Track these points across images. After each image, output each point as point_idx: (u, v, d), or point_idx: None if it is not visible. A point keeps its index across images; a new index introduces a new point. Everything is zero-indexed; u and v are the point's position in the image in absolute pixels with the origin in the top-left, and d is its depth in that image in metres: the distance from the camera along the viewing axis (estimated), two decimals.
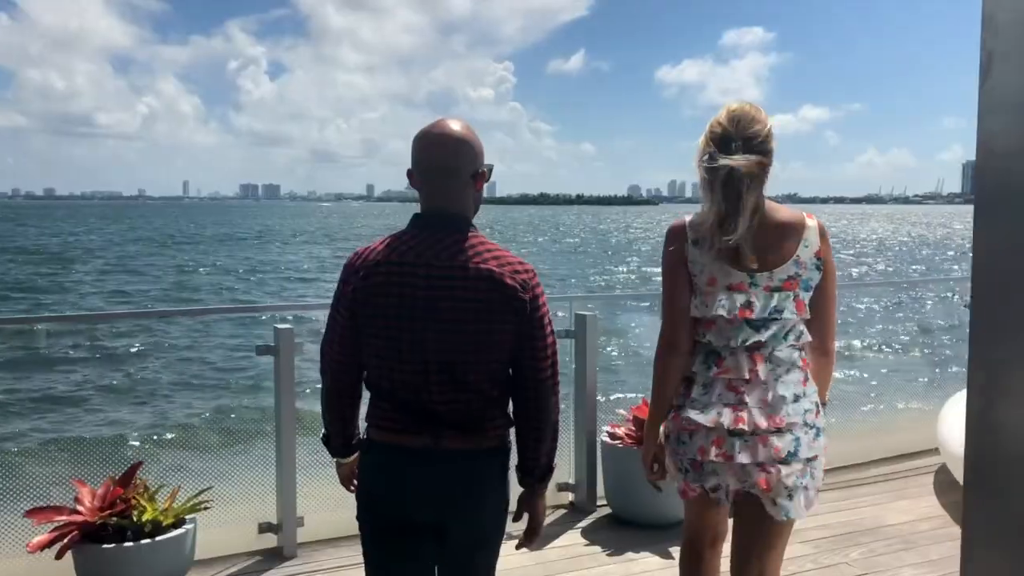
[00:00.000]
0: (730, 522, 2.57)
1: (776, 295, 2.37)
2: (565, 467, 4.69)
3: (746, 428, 2.32)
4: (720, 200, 2.33)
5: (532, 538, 2.27)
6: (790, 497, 2.35)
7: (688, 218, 2.46)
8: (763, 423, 2.32)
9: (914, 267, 38.81)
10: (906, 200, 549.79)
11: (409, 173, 2.15)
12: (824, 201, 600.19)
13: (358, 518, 2.20)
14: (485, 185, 2.19)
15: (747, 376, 2.35)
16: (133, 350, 13.38)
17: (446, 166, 2.10)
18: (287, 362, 3.98)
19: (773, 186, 2.41)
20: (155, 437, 7.47)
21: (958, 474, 4.80)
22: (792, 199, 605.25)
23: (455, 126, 2.11)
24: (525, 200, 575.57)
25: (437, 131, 2.11)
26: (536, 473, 2.19)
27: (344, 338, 2.13)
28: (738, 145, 2.33)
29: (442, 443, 2.06)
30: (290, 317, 5.11)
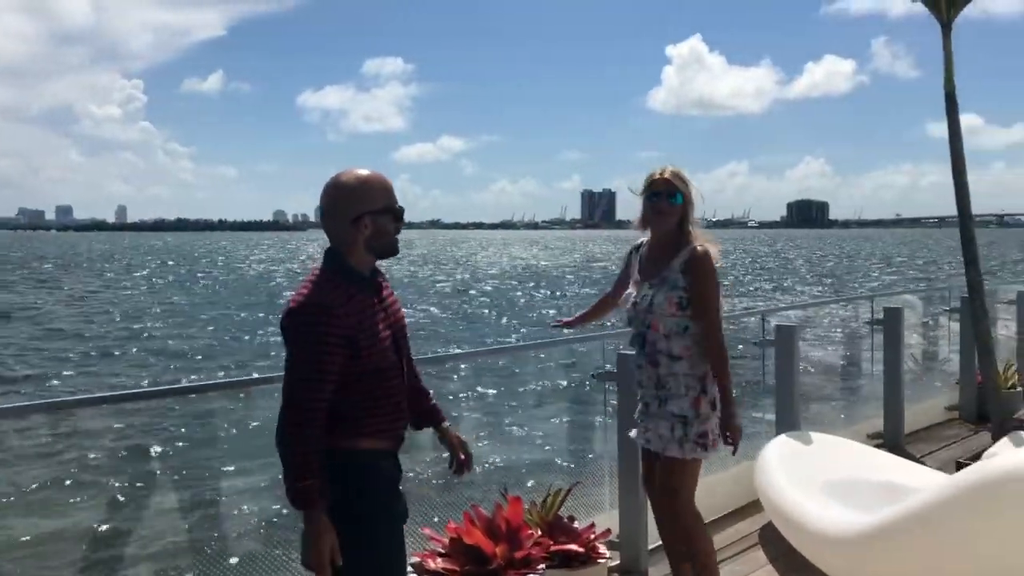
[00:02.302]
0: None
1: None
2: None
3: None
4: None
5: None
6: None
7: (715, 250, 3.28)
8: None
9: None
10: (536, 226, 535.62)
11: None
12: (464, 227, 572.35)
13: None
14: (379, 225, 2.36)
15: None
16: None
17: (323, 208, 2.40)
18: None
19: (417, 213, 1.22)
20: None
21: (788, 534, 4.20)
22: (436, 224, 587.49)
23: (344, 175, 2.38)
24: (161, 226, 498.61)
25: (331, 177, 2.39)
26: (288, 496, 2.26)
27: None
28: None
29: None
30: None
